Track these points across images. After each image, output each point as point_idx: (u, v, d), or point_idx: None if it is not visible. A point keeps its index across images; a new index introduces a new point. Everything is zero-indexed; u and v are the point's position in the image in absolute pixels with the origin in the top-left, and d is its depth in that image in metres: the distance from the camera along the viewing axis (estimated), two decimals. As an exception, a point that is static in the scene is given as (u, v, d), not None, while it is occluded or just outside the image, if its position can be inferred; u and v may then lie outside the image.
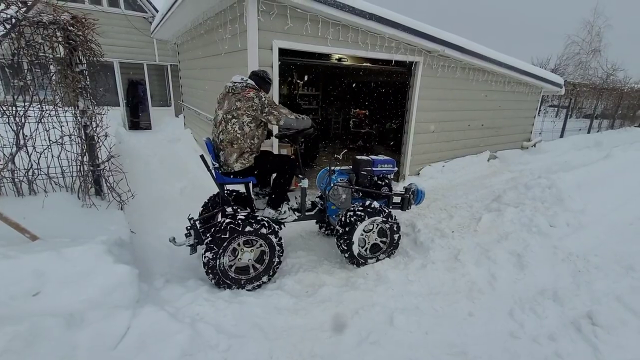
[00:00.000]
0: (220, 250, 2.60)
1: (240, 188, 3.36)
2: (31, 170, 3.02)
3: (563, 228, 3.50)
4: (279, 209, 3.11)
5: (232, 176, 2.87)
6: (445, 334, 2.34)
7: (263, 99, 2.74)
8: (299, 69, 8.79)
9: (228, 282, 2.68)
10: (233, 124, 2.74)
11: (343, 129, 10.20)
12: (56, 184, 3.20)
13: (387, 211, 3.15)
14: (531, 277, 2.93)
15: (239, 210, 2.83)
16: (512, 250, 3.22)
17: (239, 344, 2.07)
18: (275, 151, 4.26)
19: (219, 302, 2.40)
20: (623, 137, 9.62)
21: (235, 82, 2.82)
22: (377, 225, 3.17)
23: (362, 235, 3.13)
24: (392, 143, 8.58)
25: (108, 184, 3.40)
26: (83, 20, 2.99)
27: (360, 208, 3.09)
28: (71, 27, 2.92)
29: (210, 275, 2.63)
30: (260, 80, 2.96)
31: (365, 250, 3.20)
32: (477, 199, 4.79)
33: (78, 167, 3.20)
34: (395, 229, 3.20)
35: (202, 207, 3.46)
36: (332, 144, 9.33)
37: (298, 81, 9.11)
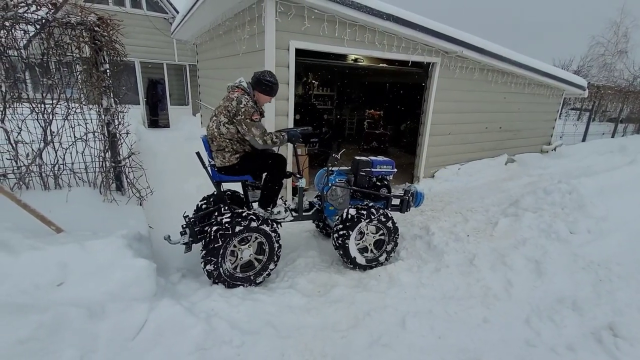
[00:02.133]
0: (219, 259, 2.59)
1: (238, 188, 3.25)
2: (57, 165, 3.15)
3: (584, 235, 3.39)
4: (269, 208, 3.03)
5: (227, 173, 2.82)
6: (458, 339, 2.31)
7: (242, 104, 2.62)
8: (314, 69, 8.82)
9: (239, 282, 2.71)
10: (213, 122, 2.76)
11: (357, 130, 10.17)
12: (80, 179, 3.32)
13: (364, 212, 3.01)
14: (549, 285, 2.85)
15: (226, 209, 2.80)
16: (530, 256, 3.15)
17: (252, 340, 2.10)
18: (290, 150, 4.27)
19: (233, 298, 2.44)
20: (650, 142, 9.24)
21: (232, 84, 2.84)
22: (367, 227, 3.09)
23: (358, 244, 3.09)
24: (406, 144, 8.51)
25: (128, 180, 3.51)
26: (108, 21, 3.09)
27: (340, 226, 3.02)
28: (97, 28, 3.03)
29: (219, 283, 2.66)
30: (255, 81, 2.81)
31: (371, 252, 3.17)
32: (493, 203, 4.70)
33: (100, 163, 3.32)
34: (383, 219, 3.08)
35: (198, 205, 3.35)
36: (346, 145, 9.31)
37: (313, 81, 9.14)
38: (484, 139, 6.45)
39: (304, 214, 3.28)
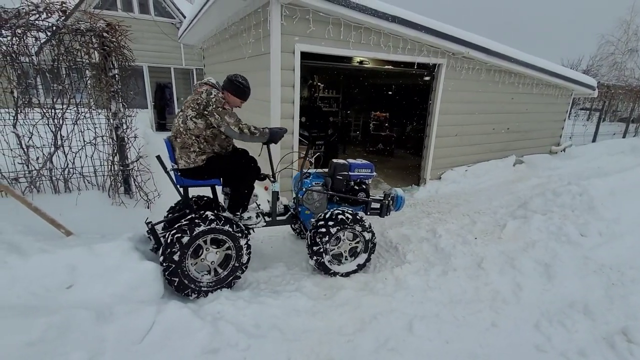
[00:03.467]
0: (190, 282, 2.44)
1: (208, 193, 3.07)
2: (67, 169, 3.20)
3: (595, 238, 3.32)
4: (238, 213, 2.86)
5: (192, 177, 2.63)
6: (466, 343, 2.28)
7: (212, 95, 2.48)
8: (320, 72, 8.83)
9: (230, 282, 2.65)
10: (179, 117, 2.57)
11: (363, 132, 10.15)
12: (89, 183, 3.37)
13: (322, 224, 2.88)
14: (560, 288, 2.80)
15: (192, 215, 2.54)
16: (539, 259, 3.09)
17: (258, 343, 2.10)
18: (296, 148, 4.26)
19: (239, 301, 2.44)
20: (663, 142, 9.03)
21: (200, 81, 2.72)
22: (341, 233, 2.98)
23: (342, 261, 3.04)
24: (412, 146, 8.47)
25: (136, 183, 3.55)
26: (117, 27, 3.14)
27: (310, 242, 2.93)
28: (106, 34, 3.08)
29: (212, 292, 2.55)
30: (227, 82, 2.72)
31: (351, 256, 3.12)
32: (501, 205, 4.64)
33: (109, 166, 3.36)
34: (341, 222, 2.91)
35: (167, 211, 3.16)
36: (352, 147, 9.30)
37: (319, 84, 9.16)
38: (491, 140, 6.38)
39: (278, 218, 3.15)
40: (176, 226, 2.42)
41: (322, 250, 2.88)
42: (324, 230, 2.89)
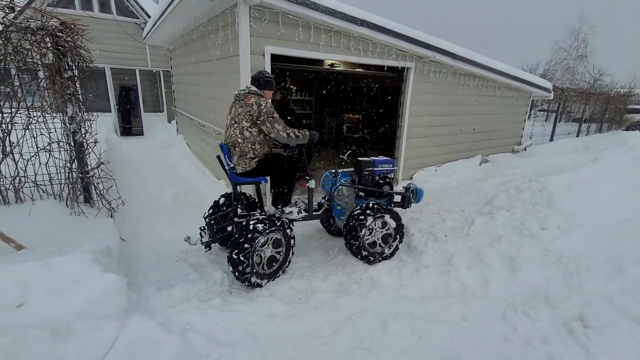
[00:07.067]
0: (252, 269, 2.74)
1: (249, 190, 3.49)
2: (18, 178, 2.96)
3: (554, 230, 3.53)
4: (279, 207, 3.19)
5: (245, 176, 2.99)
6: (439, 339, 2.33)
7: (262, 106, 2.82)
8: (292, 75, 8.81)
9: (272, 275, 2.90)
10: (234, 129, 2.88)
11: (336, 134, 10.22)
12: (44, 192, 3.14)
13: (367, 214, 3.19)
14: (523, 280, 2.94)
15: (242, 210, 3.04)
16: (504, 253, 3.24)
17: (230, 353, 2.03)
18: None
19: (210, 310, 2.36)
20: (610, 140, 9.77)
21: (240, 91, 2.98)
22: (374, 223, 3.28)
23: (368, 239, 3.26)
24: (385, 148, 8.62)
25: (97, 191, 3.35)
26: (72, 26, 2.96)
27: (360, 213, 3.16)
28: (60, 33, 2.89)
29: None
30: (264, 82, 3.03)
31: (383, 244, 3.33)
32: (469, 202, 4.82)
33: (66, 174, 3.15)
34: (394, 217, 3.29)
35: (210, 207, 3.44)
36: (326, 149, 9.33)
37: (291, 87, 9.13)
38: (458, 141, 6.63)
39: (313, 213, 3.46)
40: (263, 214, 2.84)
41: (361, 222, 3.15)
42: (376, 210, 3.22)
